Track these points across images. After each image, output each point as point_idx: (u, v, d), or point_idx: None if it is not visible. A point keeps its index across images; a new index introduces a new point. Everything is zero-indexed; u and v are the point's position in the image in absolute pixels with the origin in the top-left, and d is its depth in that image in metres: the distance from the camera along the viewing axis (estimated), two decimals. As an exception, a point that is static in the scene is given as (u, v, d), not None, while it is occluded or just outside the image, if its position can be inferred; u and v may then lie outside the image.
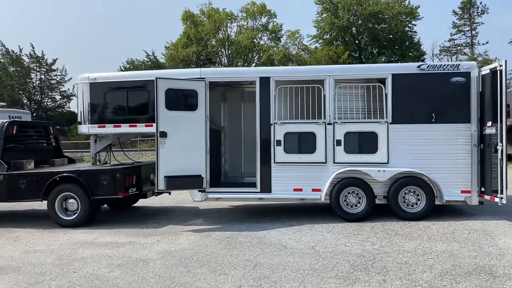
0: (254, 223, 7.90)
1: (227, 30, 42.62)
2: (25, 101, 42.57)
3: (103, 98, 8.52)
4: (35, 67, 42.68)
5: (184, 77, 8.11)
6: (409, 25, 42.47)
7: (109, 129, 8.53)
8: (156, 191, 7.86)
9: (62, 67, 43.08)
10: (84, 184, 7.98)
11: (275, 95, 7.99)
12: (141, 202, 10.29)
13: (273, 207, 9.48)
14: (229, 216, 8.71)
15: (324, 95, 7.88)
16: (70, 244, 6.81)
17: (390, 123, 7.70)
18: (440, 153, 7.67)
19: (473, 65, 7.73)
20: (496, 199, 7.21)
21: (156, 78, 7.66)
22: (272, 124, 7.96)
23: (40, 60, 42.41)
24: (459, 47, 47.16)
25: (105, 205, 9.78)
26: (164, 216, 9.04)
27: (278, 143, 7.91)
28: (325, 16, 42.79)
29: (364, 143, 7.78)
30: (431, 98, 7.69)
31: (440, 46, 47.17)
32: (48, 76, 43.25)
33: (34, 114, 40.93)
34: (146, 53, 42.93)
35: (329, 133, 7.82)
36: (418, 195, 7.70)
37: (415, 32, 42.84)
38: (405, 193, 7.71)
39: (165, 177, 7.71)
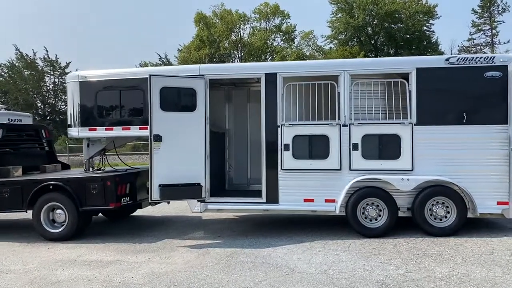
0: (259, 238, 7.01)
1: (239, 31, 41.99)
2: (39, 104, 42.68)
3: (94, 98, 7.74)
4: (49, 71, 42.75)
5: (182, 74, 7.29)
6: (427, 24, 41.02)
7: (101, 132, 7.74)
8: (150, 201, 7.03)
9: (75, 71, 42.88)
10: (72, 193, 7.21)
11: (282, 94, 7.09)
12: (141, 211, 9.48)
13: (281, 218, 8.57)
14: (233, 229, 7.84)
15: (339, 93, 6.96)
16: (50, 263, 6.02)
17: (415, 125, 6.73)
18: (473, 158, 6.68)
19: (511, 58, 6.72)
20: (541, 213, 6.18)
21: (150, 75, 6.84)
22: (279, 126, 7.06)
23: (54, 64, 42.46)
24: (478, 47, 45.51)
25: (100, 214, 9.02)
26: (162, 227, 8.22)
27: (286, 147, 7.01)
28: (340, 16, 41.68)
29: (384, 147, 6.83)
30: (462, 96, 6.72)
31: (459, 46, 45.65)
32: (61, 80, 43.17)
33: (48, 117, 41.04)
34: (159, 55, 42.51)
35: (344, 136, 6.88)
36: (447, 207, 6.71)
37: (433, 31, 41.43)
38: (433, 204, 6.72)
39: (159, 185, 6.88)
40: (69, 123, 8.00)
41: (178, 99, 7.10)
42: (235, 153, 9.39)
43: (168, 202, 8.52)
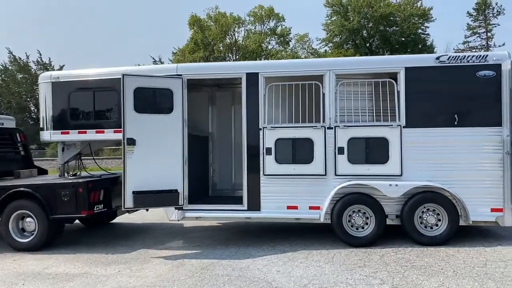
0: (240, 247, 6.60)
1: (234, 34, 41.77)
2: (32, 108, 42.27)
3: (67, 100, 7.33)
4: (42, 74, 42.34)
5: (158, 74, 6.91)
6: (422, 27, 40.86)
7: (74, 135, 7.33)
8: (123, 209, 6.62)
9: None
10: (41, 200, 6.79)
11: (264, 94, 6.72)
12: (120, 218, 9.02)
13: (267, 225, 8.14)
14: (214, 237, 7.43)
15: (324, 94, 6.59)
16: (12, 276, 5.60)
17: (404, 127, 6.36)
18: (465, 163, 6.30)
19: (505, 56, 6.34)
20: (537, 220, 5.81)
21: (123, 75, 6.46)
22: (261, 129, 6.68)
23: (47, 67, 42.03)
24: (474, 50, 45.38)
25: (77, 221, 8.58)
26: (139, 236, 7.80)
27: (268, 151, 6.63)
28: (335, 19, 41.47)
29: (372, 151, 6.45)
30: (454, 96, 6.36)
31: (454, 48, 45.46)
32: (54, 83, 42.75)
33: (41, 121, 40.61)
34: (153, 59, 42.12)
35: (329, 139, 6.50)
36: (438, 214, 6.33)
37: (428, 34, 41.29)
38: (423, 212, 6.34)
39: (133, 192, 6.47)
40: (41, 126, 7.59)
41: (154, 100, 6.71)
42: (219, 157, 8.99)
43: (147, 209, 8.10)
